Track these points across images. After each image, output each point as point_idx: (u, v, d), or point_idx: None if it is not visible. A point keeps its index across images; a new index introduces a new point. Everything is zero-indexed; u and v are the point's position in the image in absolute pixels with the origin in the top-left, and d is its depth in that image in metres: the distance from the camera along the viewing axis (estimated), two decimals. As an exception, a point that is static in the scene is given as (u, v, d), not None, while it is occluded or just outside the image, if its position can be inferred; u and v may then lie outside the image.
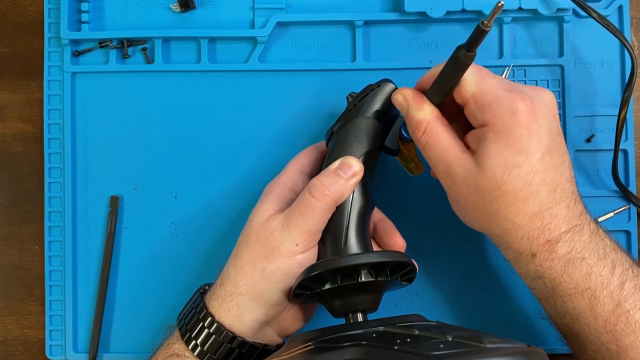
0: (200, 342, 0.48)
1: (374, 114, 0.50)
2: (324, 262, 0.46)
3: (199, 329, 0.48)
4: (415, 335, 0.40)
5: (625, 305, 0.44)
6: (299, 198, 0.47)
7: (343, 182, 0.47)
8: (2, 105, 0.61)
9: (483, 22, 0.40)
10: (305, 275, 0.45)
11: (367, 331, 0.42)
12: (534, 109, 0.43)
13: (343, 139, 0.49)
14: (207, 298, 0.49)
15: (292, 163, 0.52)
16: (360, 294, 0.46)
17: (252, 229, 0.48)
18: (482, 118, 0.44)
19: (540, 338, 0.57)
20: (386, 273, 0.46)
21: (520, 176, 0.43)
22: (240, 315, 0.47)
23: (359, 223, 0.48)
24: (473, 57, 0.42)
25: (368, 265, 0.45)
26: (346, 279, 0.45)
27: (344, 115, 0.51)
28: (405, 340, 0.40)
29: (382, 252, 0.50)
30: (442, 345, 0.38)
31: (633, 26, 0.59)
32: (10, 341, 0.60)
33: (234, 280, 0.48)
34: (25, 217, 0.60)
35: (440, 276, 0.58)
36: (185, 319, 0.50)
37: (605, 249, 0.45)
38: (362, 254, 0.46)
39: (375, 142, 0.49)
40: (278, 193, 0.50)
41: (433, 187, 0.57)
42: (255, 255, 0.47)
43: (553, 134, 0.44)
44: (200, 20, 0.59)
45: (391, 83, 0.51)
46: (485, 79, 0.44)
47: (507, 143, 0.43)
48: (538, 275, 0.46)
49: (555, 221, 0.44)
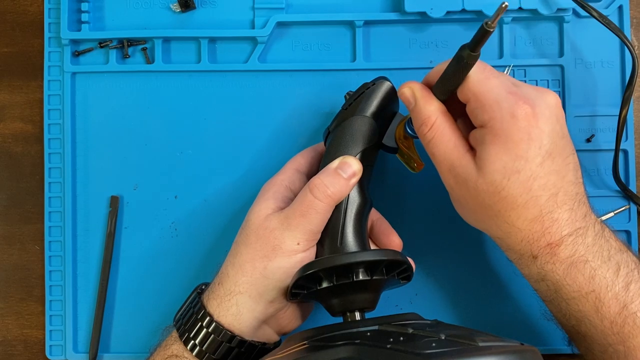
0: (199, 342, 0.48)
1: (370, 112, 0.50)
2: (318, 261, 0.46)
3: (197, 328, 0.48)
4: (408, 334, 0.40)
5: (632, 307, 0.44)
6: (300, 198, 0.47)
7: (343, 182, 0.47)
8: (2, 105, 0.61)
9: (487, 23, 0.40)
10: (300, 274, 0.45)
11: (362, 330, 0.43)
12: (535, 113, 0.43)
13: (339, 138, 0.50)
14: (205, 298, 0.49)
15: (290, 163, 0.52)
16: (357, 293, 0.46)
17: (250, 228, 0.48)
18: (481, 118, 0.44)
19: (542, 338, 0.57)
20: (382, 271, 0.46)
21: (520, 182, 0.43)
22: (239, 314, 0.47)
23: (356, 222, 0.48)
24: (477, 56, 0.42)
25: (363, 263, 0.45)
26: (342, 278, 0.45)
27: (340, 114, 0.51)
28: (399, 339, 0.40)
29: (377, 250, 0.50)
30: (434, 344, 0.38)
31: (633, 26, 0.59)
32: (10, 341, 0.60)
33: (233, 279, 0.48)
34: (25, 217, 0.60)
35: (440, 276, 0.58)
36: (183, 319, 0.50)
37: (610, 251, 0.45)
38: (357, 253, 0.46)
39: (371, 141, 0.49)
40: (275, 191, 0.50)
41: (433, 186, 0.57)
42: (255, 254, 0.47)
43: (555, 137, 0.44)
44: (200, 20, 0.59)
45: (387, 81, 0.51)
46: (488, 79, 0.44)
47: (506, 147, 0.43)
48: (541, 278, 0.46)
49: (557, 224, 0.44)
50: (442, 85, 0.46)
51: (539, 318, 0.57)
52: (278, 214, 0.48)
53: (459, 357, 0.36)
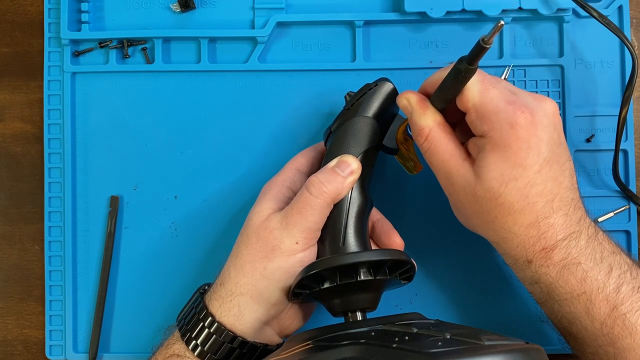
0: (201, 342, 0.48)
1: (372, 113, 0.50)
2: (322, 260, 0.46)
3: (199, 329, 0.48)
4: (413, 334, 0.40)
5: (622, 309, 0.44)
6: (297, 196, 0.47)
7: (340, 180, 0.47)
8: (2, 105, 0.61)
9: (483, 39, 0.40)
10: (304, 274, 0.45)
11: (366, 330, 0.43)
12: (533, 122, 0.43)
13: (341, 138, 0.50)
14: (208, 298, 0.49)
15: (290, 163, 0.53)
16: (359, 293, 0.46)
17: (251, 228, 0.48)
18: (481, 129, 0.44)
19: (542, 337, 0.57)
20: (385, 271, 0.46)
21: (517, 189, 0.44)
22: (241, 314, 0.47)
23: (357, 222, 0.48)
24: (474, 70, 0.43)
25: (367, 263, 0.45)
26: (345, 278, 0.45)
27: (342, 114, 0.51)
28: (404, 338, 0.40)
29: (381, 250, 0.50)
30: (440, 342, 0.38)
31: (633, 26, 0.59)
32: (10, 341, 0.60)
33: (234, 280, 0.48)
34: (25, 217, 0.60)
35: (440, 276, 0.58)
36: (185, 319, 0.50)
37: (603, 253, 0.45)
38: (361, 252, 0.46)
39: (373, 141, 0.50)
40: (276, 192, 0.50)
41: (433, 187, 0.57)
42: (255, 255, 0.47)
43: (553, 145, 0.44)
44: (200, 20, 0.59)
45: (389, 82, 0.51)
46: (487, 89, 0.44)
47: (505, 156, 0.43)
48: (535, 281, 0.47)
49: (552, 230, 0.45)
50: (440, 95, 0.46)
51: (539, 318, 0.57)
52: (278, 213, 0.48)
53: (466, 356, 0.37)
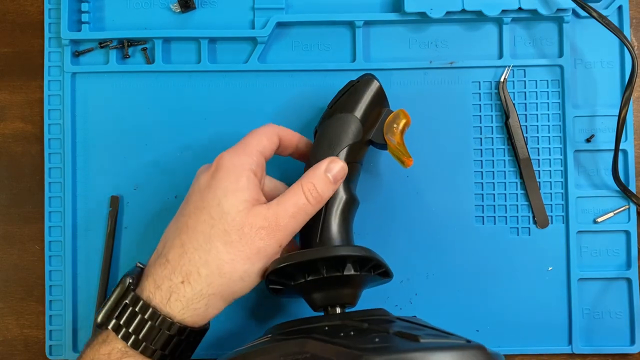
0: (161, 347, 0.45)
1: (354, 109, 0.50)
2: (312, 250, 0.46)
3: (157, 334, 0.44)
4: (361, 329, 0.41)
5: None
6: (292, 199, 0.46)
7: (332, 187, 0.48)
8: (2, 105, 0.61)
9: None
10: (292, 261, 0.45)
11: (322, 325, 0.43)
12: None
13: (323, 137, 0.50)
14: (157, 298, 0.45)
15: (254, 142, 0.48)
16: (341, 288, 0.47)
17: (230, 223, 0.45)
18: None
19: (542, 337, 0.57)
20: (369, 269, 0.46)
21: None
22: (205, 313, 0.45)
23: (341, 218, 0.48)
24: None
25: (355, 258, 0.45)
26: (331, 270, 0.45)
27: (325, 112, 0.51)
28: (349, 333, 0.40)
29: (368, 249, 0.50)
30: (377, 339, 0.39)
31: (633, 26, 0.59)
32: (10, 341, 0.60)
33: (207, 280, 0.44)
34: (25, 217, 0.60)
35: (440, 276, 0.58)
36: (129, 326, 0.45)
37: None
38: (353, 247, 0.47)
39: (356, 137, 0.50)
40: (248, 178, 0.46)
41: (430, 186, 0.57)
42: (236, 255, 0.45)
43: None
44: (200, 20, 0.59)
45: (372, 77, 0.51)
46: None
47: None
48: None
49: None
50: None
51: (539, 318, 0.57)
52: (264, 210, 0.45)
53: (389, 352, 0.37)
